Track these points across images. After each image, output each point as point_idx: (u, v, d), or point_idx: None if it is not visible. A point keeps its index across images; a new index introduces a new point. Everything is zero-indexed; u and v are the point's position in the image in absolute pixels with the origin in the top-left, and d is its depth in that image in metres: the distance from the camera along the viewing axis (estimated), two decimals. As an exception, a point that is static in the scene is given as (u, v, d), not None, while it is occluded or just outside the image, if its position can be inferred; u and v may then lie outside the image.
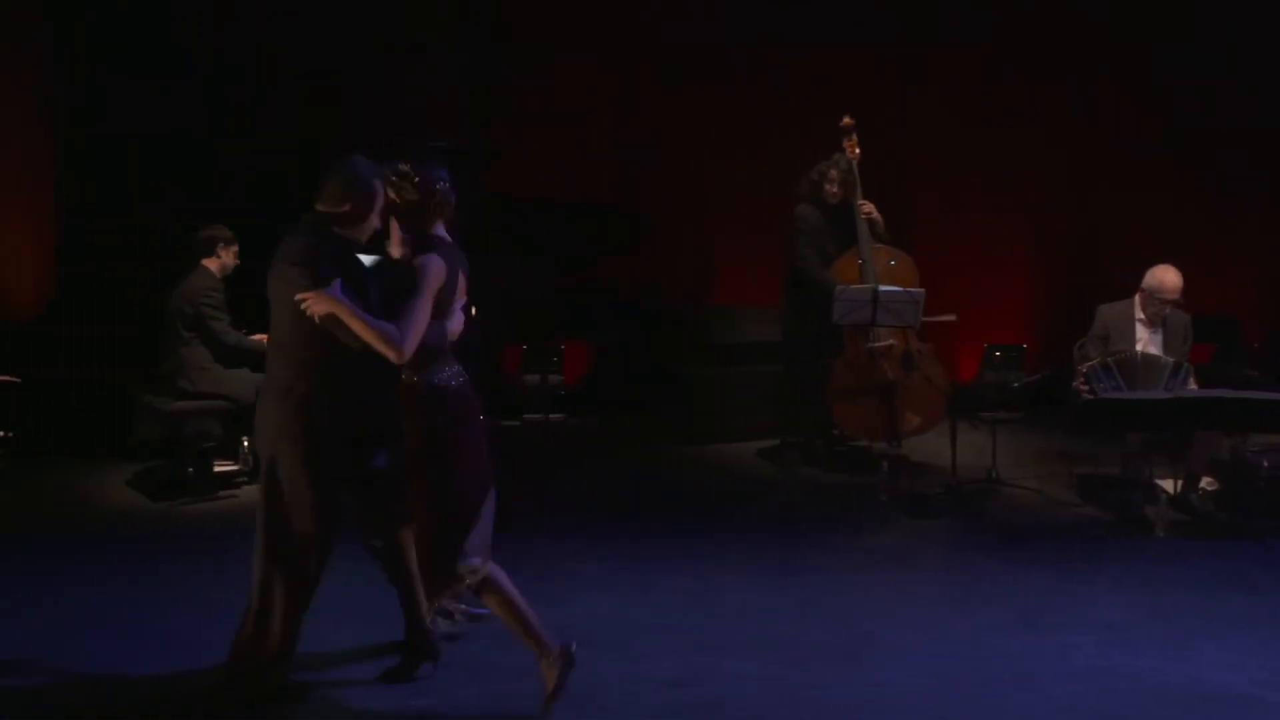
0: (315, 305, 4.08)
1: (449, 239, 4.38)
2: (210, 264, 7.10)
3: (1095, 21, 9.47)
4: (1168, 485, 6.70)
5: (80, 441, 7.78)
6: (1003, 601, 5.40)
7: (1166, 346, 6.82)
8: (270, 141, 8.32)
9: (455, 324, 4.39)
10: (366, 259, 4.33)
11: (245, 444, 7.14)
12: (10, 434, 7.44)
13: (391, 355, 4.08)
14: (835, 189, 7.59)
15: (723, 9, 9.31)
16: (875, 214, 7.59)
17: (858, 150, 7.64)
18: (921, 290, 7.22)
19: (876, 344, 7.42)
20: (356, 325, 4.07)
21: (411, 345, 4.09)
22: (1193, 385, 6.57)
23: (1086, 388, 6.60)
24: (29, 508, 6.83)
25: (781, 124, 9.07)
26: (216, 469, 7.20)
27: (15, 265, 8.10)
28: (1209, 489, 6.83)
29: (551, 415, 8.73)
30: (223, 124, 8.54)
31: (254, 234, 6.18)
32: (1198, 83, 9.44)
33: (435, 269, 4.20)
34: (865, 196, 7.59)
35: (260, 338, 6.67)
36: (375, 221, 4.32)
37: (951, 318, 7.56)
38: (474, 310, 4.42)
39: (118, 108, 8.33)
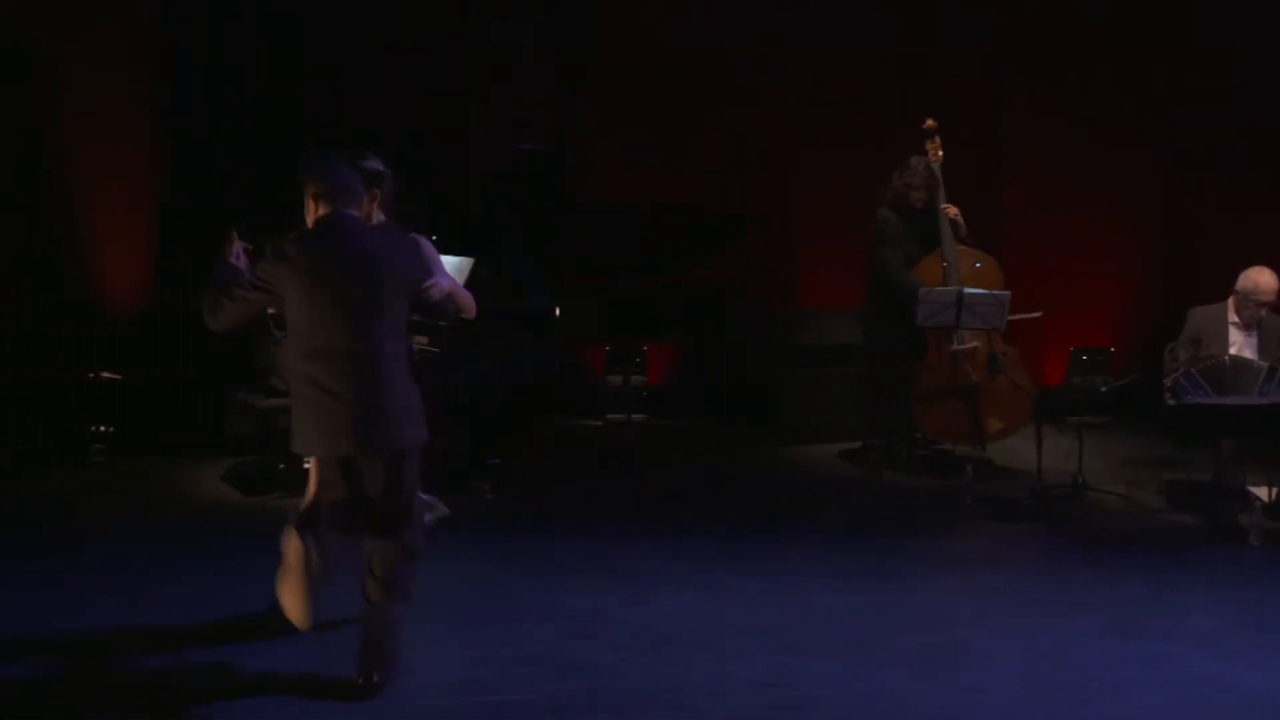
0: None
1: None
2: None
3: (1179, 19, 9.28)
4: (1262, 493, 6.53)
5: (176, 437, 7.92)
6: (1092, 609, 5.30)
7: (1261, 350, 6.66)
8: (356, 146, 8.41)
9: None
10: None
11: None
12: (110, 430, 7.59)
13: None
14: (919, 193, 7.52)
15: (809, 8, 9.25)
16: (959, 216, 7.51)
17: (940, 153, 7.56)
18: (1007, 292, 7.12)
19: (960, 346, 7.33)
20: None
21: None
22: (1288, 390, 6.41)
23: (1173, 400, 6.46)
24: (127, 501, 6.97)
25: (868, 126, 8.99)
26: (306, 465, 7.28)
27: (116, 267, 8.28)
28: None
29: (634, 416, 8.74)
30: (312, 127, 8.65)
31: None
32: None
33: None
34: (949, 198, 7.51)
35: None
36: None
37: (1037, 314, 7.45)
38: None
39: (215, 112, 8.48)
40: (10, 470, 7.11)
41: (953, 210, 7.49)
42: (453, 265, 6.82)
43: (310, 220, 4.42)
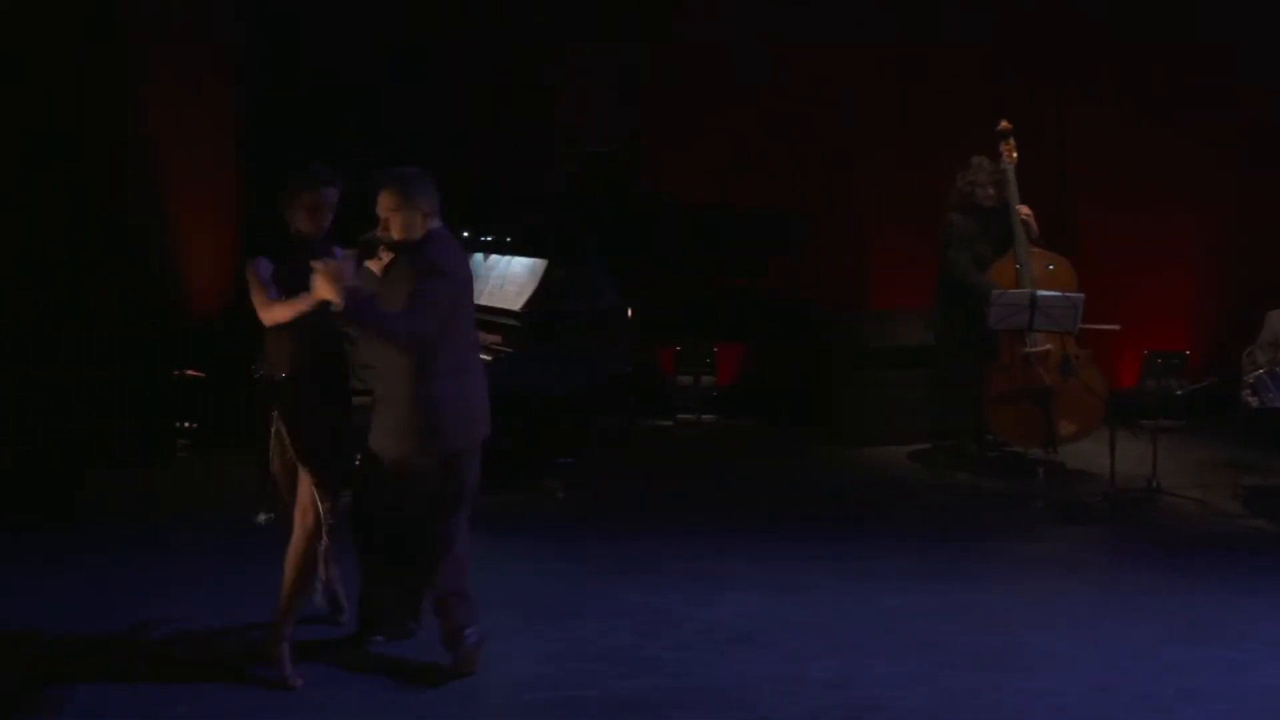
0: None
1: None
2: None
3: (1262, 19, 9.08)
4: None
5: (256, 432, 8.03)
6: (1167, 614, 5.22)
7: (1342, 353, 6.51)
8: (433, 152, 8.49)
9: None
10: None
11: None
12: (194, 425, 7.74)
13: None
14: (985, 190, 7.44)
15: (877, 11, 9.18)
16: (1031, 217, 7.42)
17: (1014, 154, 7.47)
18: (1080, 295, 7.02)
19: (1033, 349, 7.24)
20: None
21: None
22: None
23: (1254, 398, 6.33)
24: (208, 492, 7.10)
25: (939, 127, 8.90)
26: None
27: (201, 268, 8.43)
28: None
29: (704, 416, 8.74)
30: (388, 133, 8.70)
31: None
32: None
33: None
34: (1022, 199, 7.42)
35: None
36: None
37: (1115, 328, 7.33)
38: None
39: (296, 113, 8.59)
40: (98, 465, 7.25)
41: (1025, 210, 7.41)
42: (525, 267, 6.88)
43: (413, 231, 4.46)
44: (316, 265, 4.29)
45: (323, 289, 4.27)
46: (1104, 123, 9.26)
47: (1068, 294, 7.02)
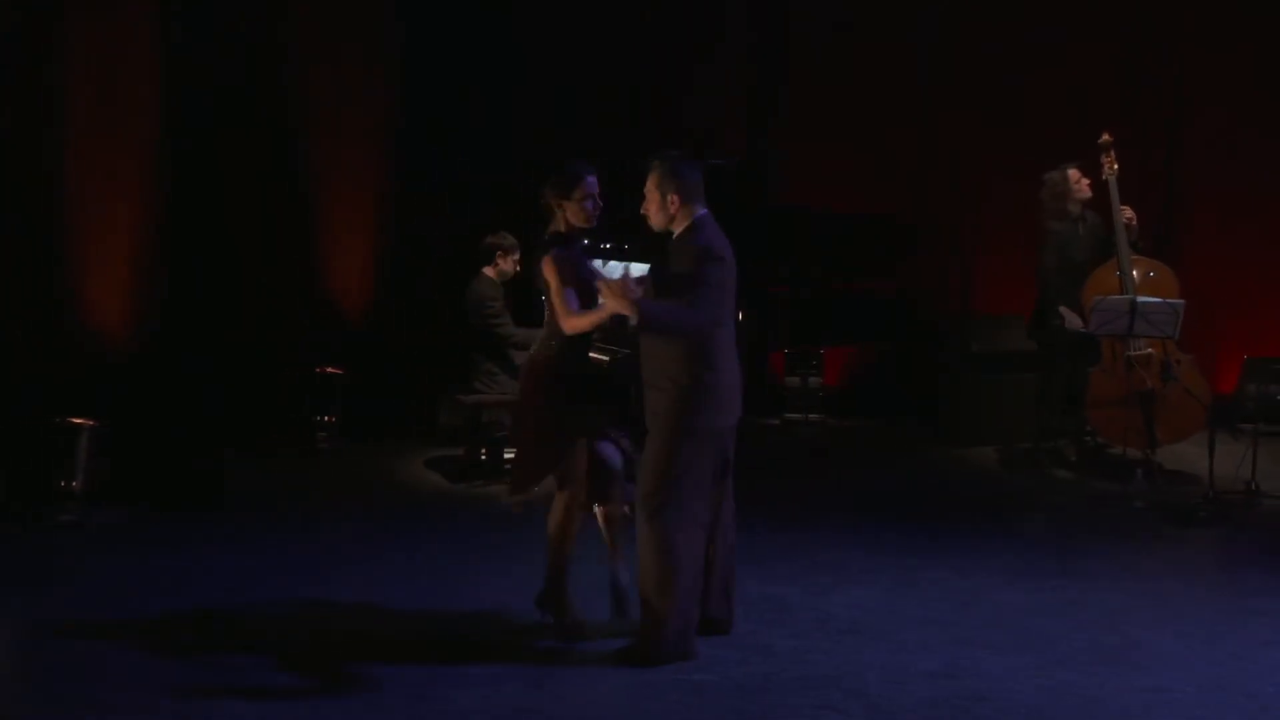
0: None
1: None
2: (489, 271, 7.29)
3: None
4: None
5: (392, 427, 8.18)
6: (1273, 615, 5.07)
7: None
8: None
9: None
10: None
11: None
12: (333, 419, 7.89)
13: None
14: (1080, 186, 7.30)
15: (991, 23, 9.04)
16: (1133, 220, 7.24)
17: (1115, 166, 7.30)
18: (1181, 301, 6.84)
19: (1135, 353, 7.07)
20: None
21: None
22: None
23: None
24: (347, 483, 7.26)
25: (1046, 135, 8.73)
26: (506, 455, 7.44)
27: (346, 274, 8.59)
28: None
29: (811, 415, 8.68)
30: (517, 140, 8.75)
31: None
32: None
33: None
34: (1125, 203, 7.26)
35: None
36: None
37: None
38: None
39: (444, 124, 8.69)
40: (240, 456, 7.41)
41: (1128, 213, 7.24)
42: (636, 272, 6.88)
43: (673, 220, 4.50)
44: (601, 285, 4.42)
45: (613, 304, 4.38)
46: (1208, 127, 8.99)
47: (1169, 300, 6.84)
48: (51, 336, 6.89)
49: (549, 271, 4.62)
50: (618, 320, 4.53)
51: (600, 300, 4.50)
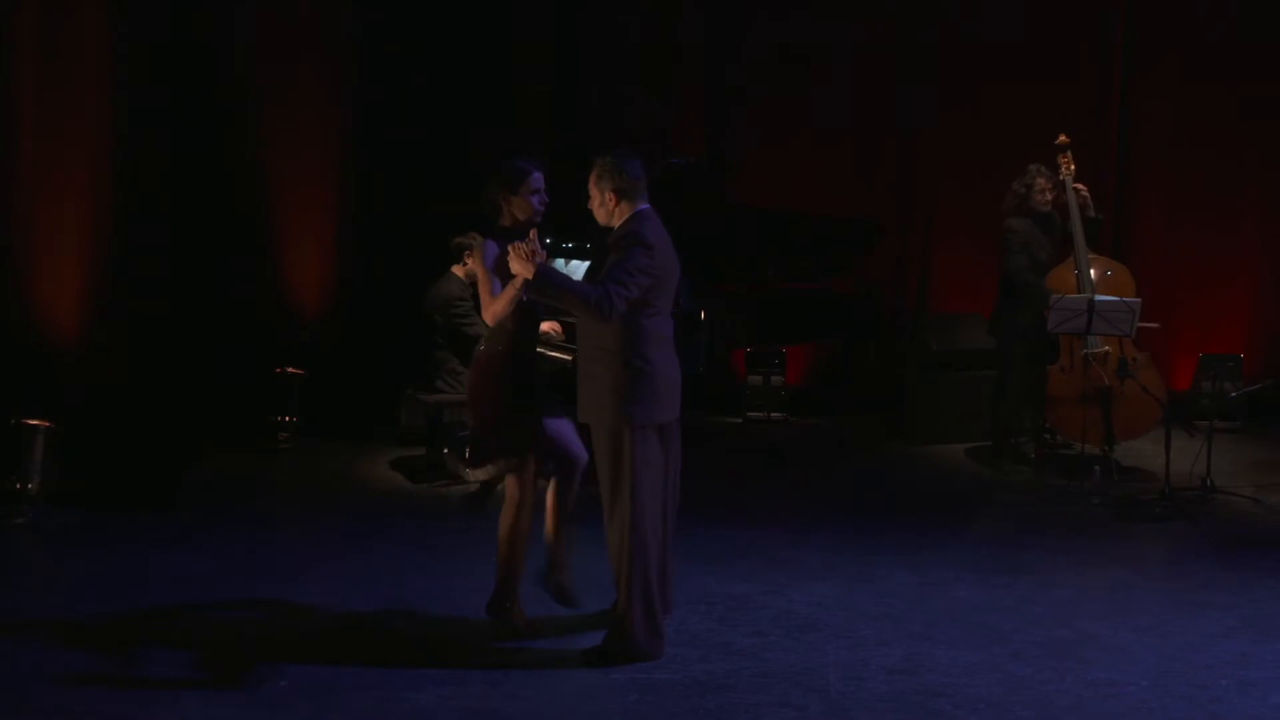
0: None
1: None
2: (458, 270, 7.29)
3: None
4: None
5: (352, 428, 8.15)
6: (1224, 609, 5.15)
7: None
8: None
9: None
10: None
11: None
12: (295, 419, 7.85)
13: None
14: (1044, 195, 7.37)
15: (947, 21, 9.10)
16: (1088, 197, 7.32)
17: (1073, 167, 7.39)
18: (1138, 300, 6.94)
19: (1092, 351, 7.16)
20: None
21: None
22: None
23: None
24: (306, 483, 7.24)
25: (1002, 134, 8.81)
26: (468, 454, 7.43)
27: (303, 269, 8.54)
28: None
29: (773, 414, 8.73)
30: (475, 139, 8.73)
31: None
32: None
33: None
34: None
35: None
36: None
37: (1155, 325, 7.22)
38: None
39: (403, 121, 8.66)
40: (198, 456, 7.37)
41: (1082, 189, 7.32)
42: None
43: (611, 216, 4.51)
44: (510, 249, 4.41)
45: (517, 267, 4.38)
46: (1161, 128, 9.10)
47: (1126, 299, 6.93)
48: (2, 336, 6.82)
49: (476, 261, 4.65)
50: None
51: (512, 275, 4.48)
